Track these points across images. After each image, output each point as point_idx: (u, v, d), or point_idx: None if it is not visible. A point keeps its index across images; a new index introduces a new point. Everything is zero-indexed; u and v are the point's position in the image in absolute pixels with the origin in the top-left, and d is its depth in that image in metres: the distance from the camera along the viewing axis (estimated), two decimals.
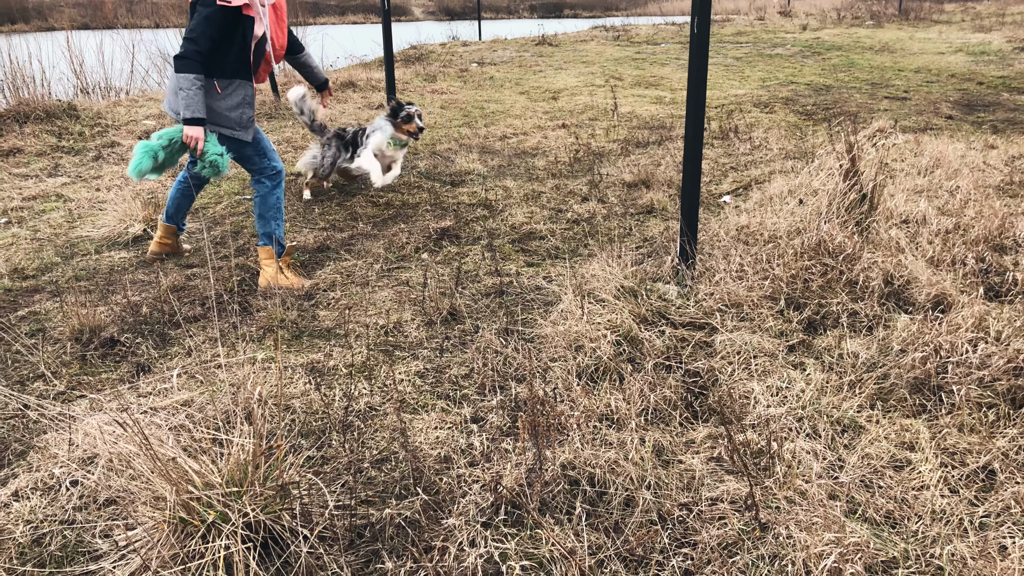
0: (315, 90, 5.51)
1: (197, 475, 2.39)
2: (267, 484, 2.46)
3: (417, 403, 3.19)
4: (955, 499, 2.41)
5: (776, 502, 2.37)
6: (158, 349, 3.76)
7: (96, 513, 2.54)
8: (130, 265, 4.97)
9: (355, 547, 2.41)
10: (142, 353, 3.73)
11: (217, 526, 2.29)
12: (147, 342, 3.83)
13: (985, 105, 9.83)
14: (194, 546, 2.27)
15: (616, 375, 3.23)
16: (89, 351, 3.74)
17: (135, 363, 3.64)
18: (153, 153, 4.30)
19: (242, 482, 2.45)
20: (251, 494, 2.41)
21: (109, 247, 5.33)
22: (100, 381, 3.48)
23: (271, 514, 2.40)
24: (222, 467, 2.49)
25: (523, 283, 4.41)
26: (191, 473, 2.40)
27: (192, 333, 3.93)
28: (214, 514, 2.32)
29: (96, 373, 3.56)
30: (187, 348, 3.78)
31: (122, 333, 3.92)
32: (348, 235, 5.41)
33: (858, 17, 23.92)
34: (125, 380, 3.47)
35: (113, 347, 3.80)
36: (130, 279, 4.68)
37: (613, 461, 2.65)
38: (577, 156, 7.50)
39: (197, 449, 2.65)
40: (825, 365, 3.21)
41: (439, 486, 2.63)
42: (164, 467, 2.29)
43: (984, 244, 4.27)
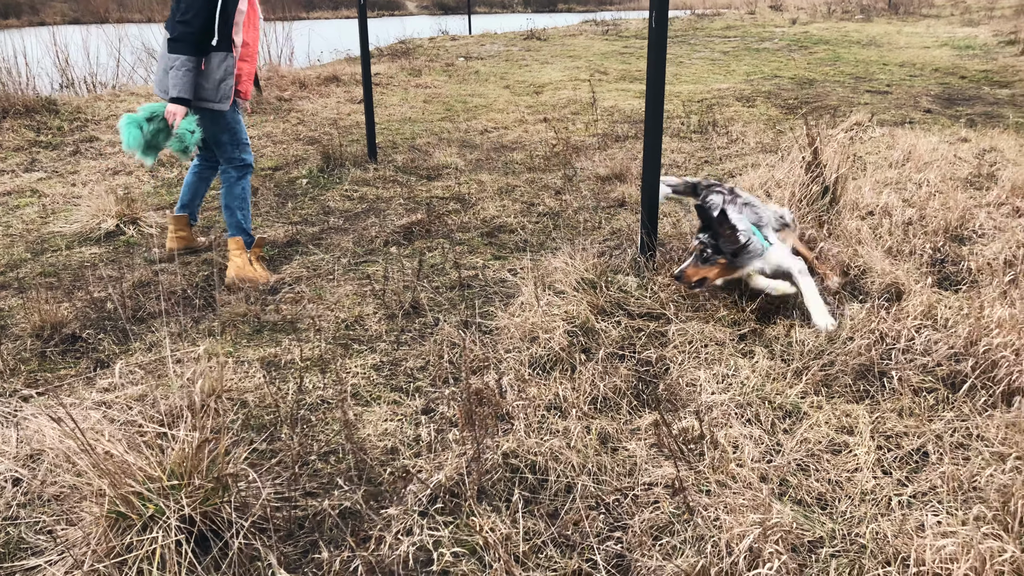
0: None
1: (138, 469, 2.42)
2: (209, 476, 2.48)
3: (370, 395, 3.22)
4: (886, 480, 2.44)
5: (708, 486, 2.39)
6: (119, 345, 3.78)
7: (40, 510, 2.56)
8: (100, 261, 4.99)
9: (294, 538, 2.43)
10: (103, 349, 3.75)
11: (155, 519, 2.32)
12: (109, 338, 3.85)
13: (965, 99, 9.86)
14: (132, 539, 2.30)
15: (568, 365, 3.25)
16: (49, 347, 3.76)
17: (95, 359, 3.66)
18: (137, 124, 4.32)
19: (184, 475, 2.47)
20: (192, 487, 2.43)
21: (80, 243, 5.34)
22: (58, 377, 3.50)
23: (212, 506, 2.42)
24: (165, 461, 2.51)
25: (488, 276, 4.43)
26: (132, 467, 2.43)
27: (155, 328, 3.95)
28: (152, 508, 2.34)
29: (55, 369, 3.58)
30: (148, 344, 3.80)
31: (84, 329, 3.94)
32: (319, 229, 5.43)
33: (848, 11, 23.93)
34: (83, 376, 3.49)
35: (74, 343, 3.82)
36: (97, 275, 4.70)
37: (557, 449, 2.68)
38: (555, 150, 7.52)
39: (143, 443, 2.68)
40: (773, 353, 3.24)
41: (383, 476, 2.65)
42: (100, 462, 2.31)
43: (943, 235, 4.31)
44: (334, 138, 7.87)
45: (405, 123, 9.06)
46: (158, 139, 4.40)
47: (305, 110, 9.66)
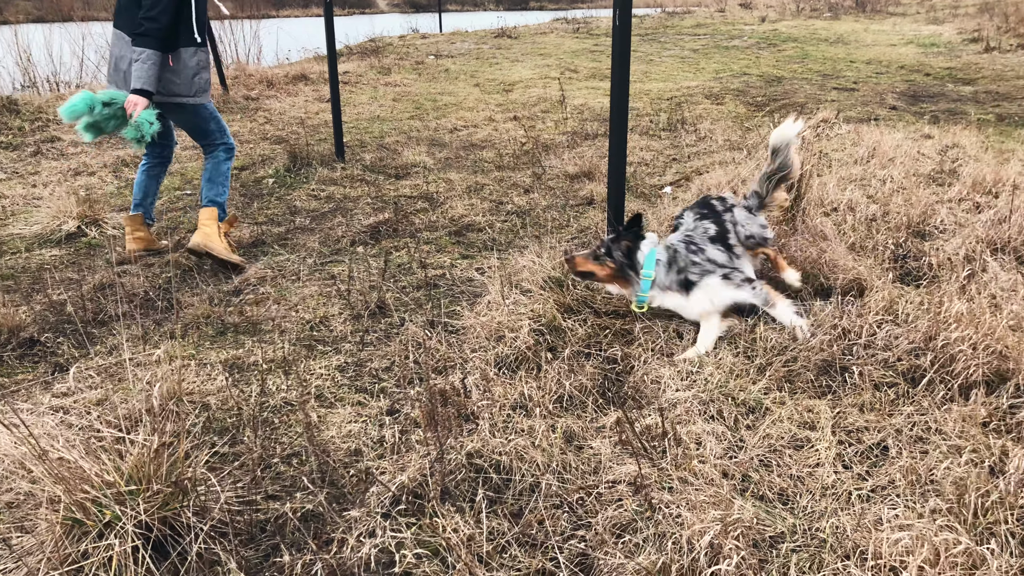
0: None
1: (95, 475, 2.37)
2: (168, 481, 2.44)
3: (334, 397, 3.19)
4: (847, 475, 2.46)
5: (670, 483, 2.40)
6: (79, 348, 3.72)
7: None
8: (60, 263, 4.90)
9: (255, 541, 2.40)
10: (62, 353, 3.68)
11: (111, 525, 2.28)
12: (68, 341, 3.78)
13: (930, 96, 9.99)
14: (88, 546, 2.25)
15: (534, 364, 3.25)
16: (6, 352, 3.68)
17: (53, 363, 3.60)
18: (91, 103, 4.27)
19: (142, 480, 2.43)
20: (150, 492, 2.39)
21: (40, 245, 5.25)
22: (15, 382, 3.43)
23: (171, 511, 2.38)
24: (123, 466, 2.47)
25: (455, 275, 4.41)
26: (88, 473, 2.38)
27: (115, 331, 3.88)
28: (109, 514, 2.30)
29: (12, 374, 3.51)
30: (109, 347, 3.73)
31: (43, 333, 3.87)
32: (285, 229, 5.38)
33: (816, 9, 24.17)
34: (40, 380, 3.43)
35: (32, 347, 3.75)
36: (57, 277, 4.61)
37: (522, 448, 2.67)
38: (525, 148, 7.51)
39: (100, 448, 2.63)
40: (738, 350, 3.25)
41: (346, 479, 2.63)
42: (55, 468, 2.26)
43: (905, 231, 4.35)
44: (301, 137, 7.81)
45: (374, 122, 9.01)
46: (107, 124, 4.35)
47: (273, 109, 9.57)
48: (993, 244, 4.02)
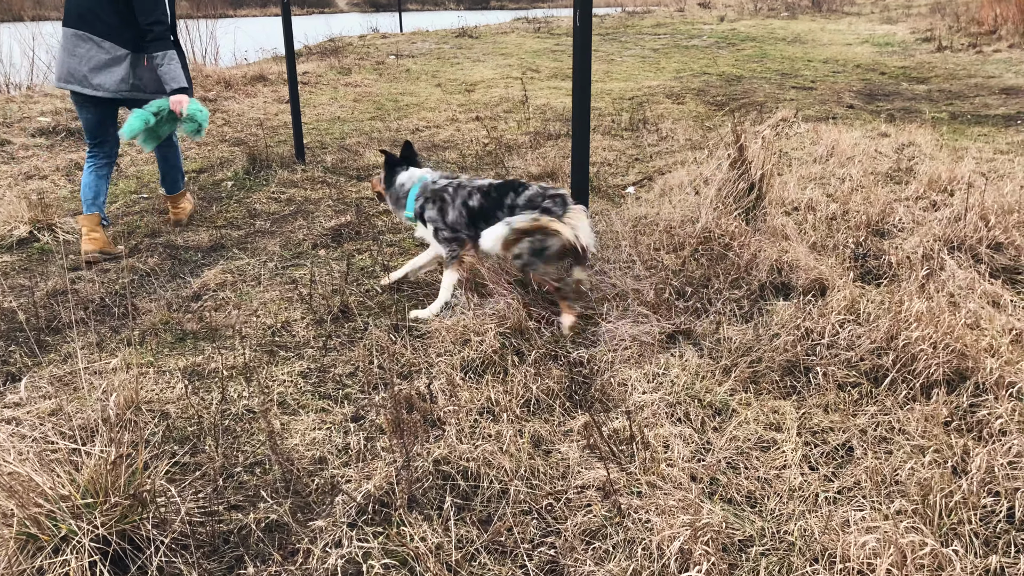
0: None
1: (49, 488, 2.30)
2: (127, 493, 2.38)
3: (298, 404, 3.14)
4: (813, 476, 2.47)
5: (639, 487, 2.39)
6: (31, 357, 3.61)
7: None
8: (11, 269, 4.76)
9: (218, 554, 2.35)
10: (14, 362, 3.57)
11: (68, 540, 2.21)
12: (20, 350, 3.67)
13: (885, 94, 10.17)
14: (43, 562, 2.18)
15: (501, 368, 3.23)
16: None
17: (5, 372, 3.49)
18: (144, 118, 4.72)
19: (99, 493, 2.36)
20: (108, 504, 2.33)
21: None
22: None
23: (129, 524, 2.32)
24: (79, 479, 2.40)
25: (420, 279, 4.37)
26: (42, 486, 2.31)
27: (70, 339, 3.78)
28: (65, 528, 2.23)
29: None
30: (63, 355, 3.64)
31: None
32: (244, 233, 5.29)
33: (774, 9, 24.50)
34: None
35: None
36: (8, 284, 4.48)
37: (489, 453, 2.65)
38: (488, 149, 7.48)
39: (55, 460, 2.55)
40: (703, 351, 3.26)
41: (311, 488, 2.58)
42: (6, 482, 2.19)
43: (865, 229, 4.41)
44: (260, 139, 7.70)
45: (334, 123, 8.91)
46: (163, 129, 4.89)
47: (231, 111, 9.42)
48: (950, 242, 4.09)
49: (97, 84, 4.67)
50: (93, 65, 4.64)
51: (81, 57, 4.64)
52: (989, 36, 15.32)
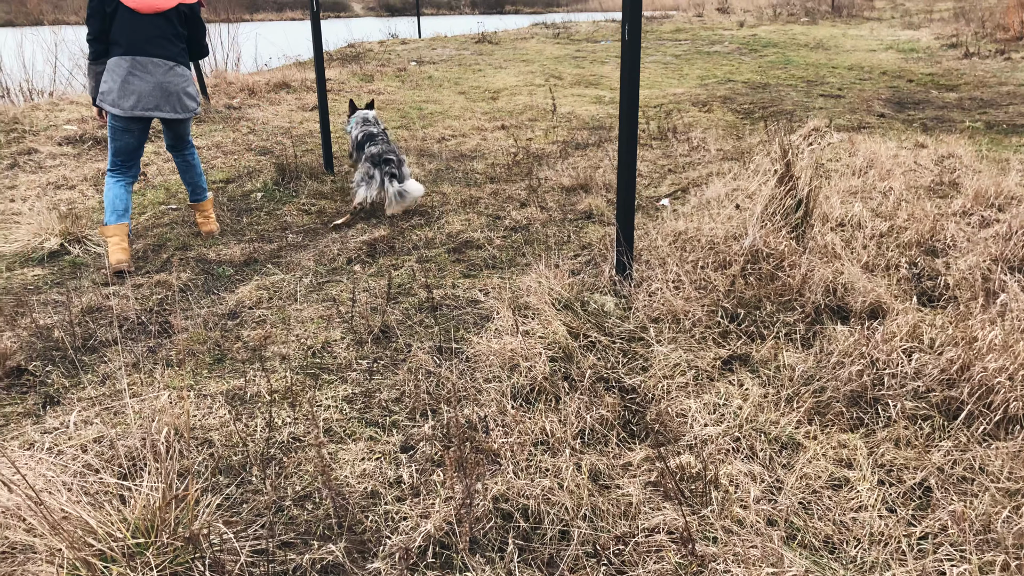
0: None
1: (99, 527, 2.22)
2: (178, 532, 2.30)
3: (344, 431, 3.05)
4: (893, 520, 2.36)
5: (714, 532, 2.29)
6: (69, 378, 3.54)
7: None
8: (44, 283, 4.70)
9: None
10: (51, 383, 3.50)
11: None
12: (57, 370, 3.60)
13: (915, 103, 10.02)
14: None
15: (552, 396, 3.13)
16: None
17: (43, 394, 3.42)
18: None
19: (149, 531, 2.28)
20: (159, 545, 2.25)
21: (22, 264, 5.04)
22: (3, 415, 3.25)
23: (182, 565, 2.24)
24: (128, 515, 2.32)
25: (459, 296, 4.28)
26: (92, 524, 2.23)
27: (107, 358, 3.71)
28: (116, 570, 2.15)
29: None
30: (101, 376, 3.56)
31: (30, 361, 3.68)
32: (277, 246, 5.21)
33: (793, 14, 24.31)
34: (31, 414, 3.25)
35: (20, 377, 3.57)
36: (42, 299, 4.42)
37: (548, 490, 2.55)
38: (516, 159, 7.39)
39: (103, 495, 2.47)
40: (762, 379, 3.15)
41: (364, 525, 2.49)
42: (56, 521, 2.11)
43: (916, 248, 4.29)
44: (288, 148, 7.63)
45: None
46: None
47: (256, 118, 9.37)
48: (1009, 262, 3.97)
49: (186, 106, 5.00)
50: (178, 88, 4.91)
51: (161, 82, 4.83)
52: (1016, 42, 15.12)
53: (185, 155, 5.33)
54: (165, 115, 4.89)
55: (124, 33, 4.72)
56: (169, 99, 4.89)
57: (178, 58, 4.90)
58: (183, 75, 4.95)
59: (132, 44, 4.73)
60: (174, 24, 4.87)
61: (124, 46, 4.72)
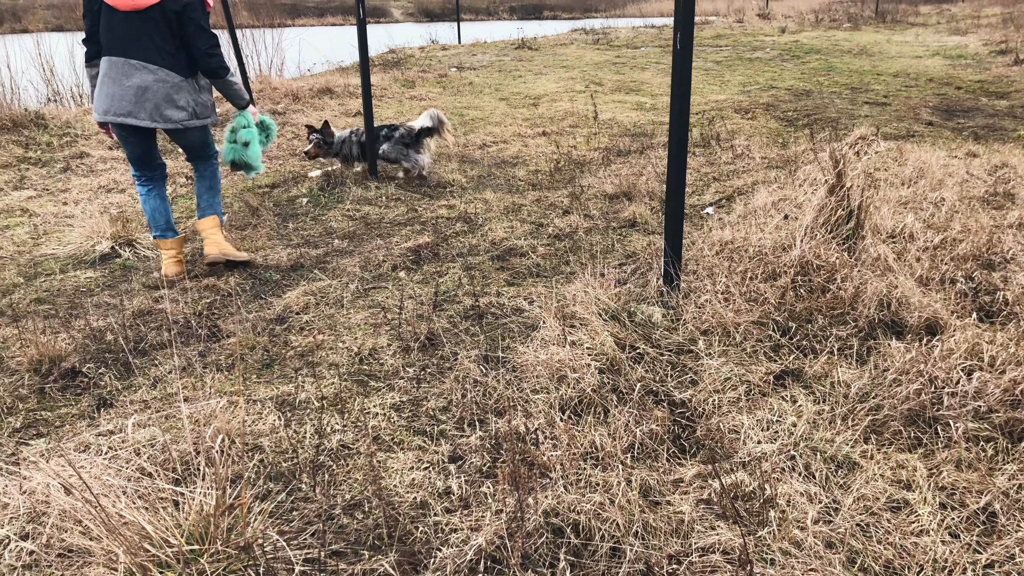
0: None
1: (154, 532, 2.24)
2: (231, 540, 2.31)
3: (392, 440, 3.05)
4: (956, 545, 2.30)
5: (771, 554, 2.24)
6: (121, 380, 3.59)
7: (47, 572, 2.37)
8: (96, 286, 4.79)
9: None
10: (104, 385, 3.56)
11: None
12: (110, 372, 3.66)
13: (964, 111, 9.82)
14: None
15: (601, 408, 3.10)
16: (48, 383, 3.56)
17: (97, 396, 3.47)
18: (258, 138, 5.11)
19: (203, 538, 2.30)
20: (212, 552, 2.26)
21: (75, 266, 5.14)
22: (59, 417, 3.31)
23: (235, 573, 2.25)
24: (182, 521, 2.34)
25: (504, 304, 4.27)
26: (148, 529, 2.25)
27: (157, 361, 3.76)
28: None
29: (55, 408, 3.39)
30: (152, 379, 3.61)
31: (84, 363, 3.75)
32: (323, 252, 5.25)
33: (835, 19, 24.01)
34: (85, 415, 3.30)
35: (74, 378, 3.63)
36: (94, 302, 4.50)
37: (599, 505, 2.52)
38: (558, 166, 7.37)
39: (157, 500, 2.50)
40: (816, 396, 3.10)
41: (415, 536, 2.49)
42: (113, 525, 2.13)
43: (972, 261, 4.19)
44: None
45: None
46: (264, 142, 5.30)
47: (300, 124, 9.46)
48: None
49: (167, 116, 4.48)
50: (157, 96, 4.42)
51: (137, 86, 4.38)
52: None
53: (199, 168, 4.96)
54: (139, 123, 4.42)
55: (105, 32, 4.41)
56: (144, 106, 4.40)
57: (161, 61, 4.40)
58: (168, 81, 4.42)
59: (110, 44, 4.39)
60: (159, 25, 4.36)
61: (105, 46, 4.42)
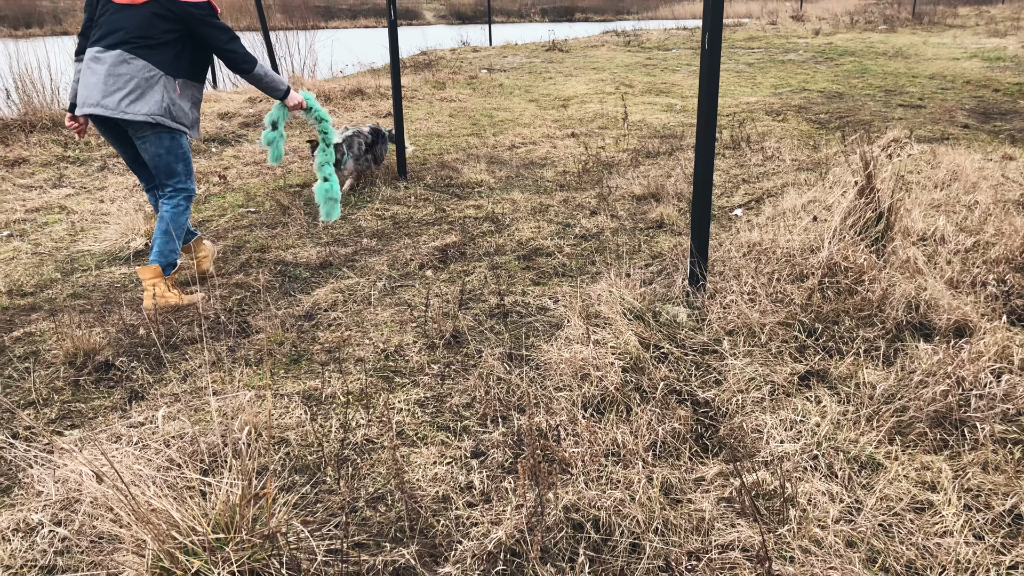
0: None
1: (182, 521, 2.29)
2: (256, 529, 2.35)
3: (416, 435, 3.08)
4: (980, 547, 2.27)
5: (790, 552, 2.24)
6: (153, 374, 3.67)
7: (79, 558, 2.44)
8: (130, 282, 4.88)
9: None
10: (136, 378, 3.63)
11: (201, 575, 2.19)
12: (142, 366, 3.74)
13: (1002, 113, 9.66)
14: None
15: (623, 406, 3.11)
16: (83, 376, 3.65)
17: (129, 388, 3.55)
18: (272, 141, 5.00)
19: (229, 527, 2.34)
20: (238, 540, 2.30)
21: (110, 262, 5.25)
22: (92, 408, 3.39)
23: (259, 561, 2.29)
24: (209, 511, 2.39)
25: (529, 303, 4.29)
26: (176, 517, 2.30)
27: (188, 356, 3.83)
28: (198, 563, 2.22)
29: (89, 400, 3.47)
30: (183, 373, 3.68)
31: (117, 356, 3.83)
32: (351, 250, 5.31)
33: (871, 22, 23.72)
34: (117, 408, 3.38)
35: (107, 371, 3.71)
36: (128, 297, 4.59)
37: (619, 501, 2.53)
38: (586, 167, 7.38)
39: (185, 489, 2.55)
40: (841, 397, 3.08)
41: (436, 529, 2.51)
42: (143, 513, 2.18)
43: (1006, 264, 4.13)
44: None
45: (432, 138, 8.95)
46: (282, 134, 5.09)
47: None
48: None
49: (134, 109, 4.16)
50: (131, 87, 4.15)
51: (106, 73, 4.14)
52: None
53: (165, 198, 4.45)
54: (105, 113, 4.13)
55: (100, 25, 4.21)
56: (113, 96, 4.12)
57: (140, 52, 4.13)
58: (141, 72, 4.13)
59: (99, 36, 4.18)
60: (152, 20, 4.15)
61: (93, 38, 4.22)
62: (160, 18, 4.18)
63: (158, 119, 4.20)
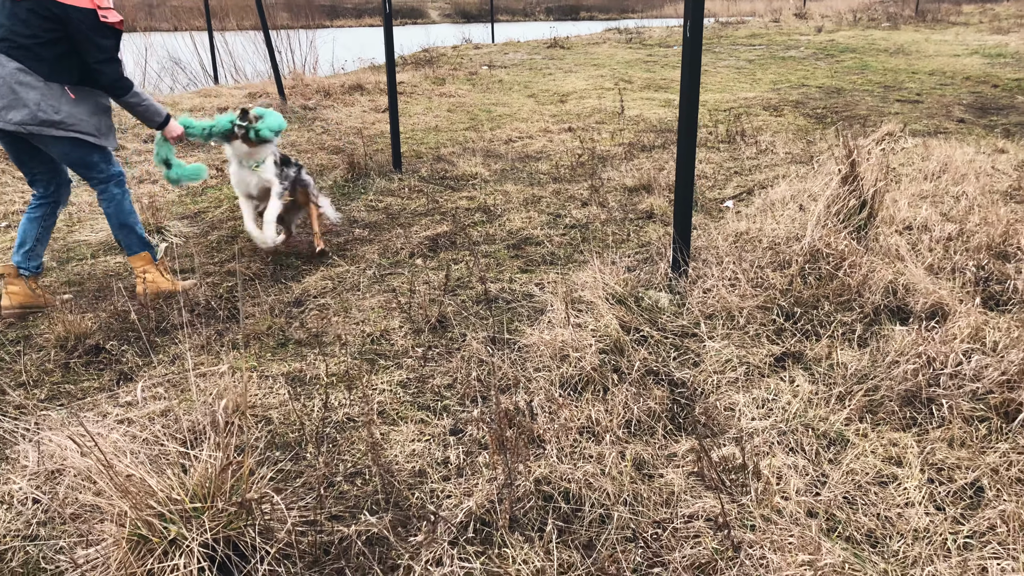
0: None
1: (160, 490, 2.35)
2: (232, 499, 2.41)
3: (397, 414, 3.14)
4: (940, 517, 2.32)
5: (752, 520, 2.29)
6: (142, 357, 3.73)
7: (60, 528, 2.50)
8: (124, 270, 4.95)
9: (320, 564, 2.35)
10: (126, 361, 3.70)
11: (177, 543, 2.25)
12: (132, 349, 3.80)
13: (999, 108, 9.67)
14: (153, 564, 2.23)
15: (600, 386, 3.16)
16: (73, 359, 3.72)
17: (118, 371, 3.61)
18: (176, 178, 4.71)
19: (207, 497, 2.40)
20: (214, 510, 2.36)
21: (106, 252, 5.32)
22: (81, 390, 3.45)
23: (235, 530, 2.35)
24: (187, 482, 2.44)
25: (515, 290, 4.34)
26: (155, 488, 2.36)
27: (178, 340, 3.90)
28: (174, 531, 2.27)
29: (78, 381, 3.53)
30: (171, 356, 3.74)
31: (107, 340, 3.89)
32: (344, 240, 5.37)
33: (874, 19, 23.68)
34: (106, 388, 3.44)
35: (98, 355, 3.77)
36: (121, 285, 4.66)
37: (590, 475, 2.58)
38: (581, 160, 7.42)
39: (165, 463, 2.61)
40: (814, 377, 3.12)
41: (411, 501, 2.57)
42: (122, 483, 2.24)
43: (986, 251, 4.16)
44: (359, 147, 7.82)
45: (429, 132, 9.01)
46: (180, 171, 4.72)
47: (330, 119, 9.64)
48: None
49: (8, 117, 3.88)
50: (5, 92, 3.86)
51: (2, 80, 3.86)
52: None
53: (98, 195, 4.31)
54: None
55: None
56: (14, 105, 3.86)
57: (17, 54, 3.82)
58: (16, 76, 3.83)
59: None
60: (30, 18, 3.80)
61: None
62: (38, 16, 3.80)
63: (31, 129, 3.88)
